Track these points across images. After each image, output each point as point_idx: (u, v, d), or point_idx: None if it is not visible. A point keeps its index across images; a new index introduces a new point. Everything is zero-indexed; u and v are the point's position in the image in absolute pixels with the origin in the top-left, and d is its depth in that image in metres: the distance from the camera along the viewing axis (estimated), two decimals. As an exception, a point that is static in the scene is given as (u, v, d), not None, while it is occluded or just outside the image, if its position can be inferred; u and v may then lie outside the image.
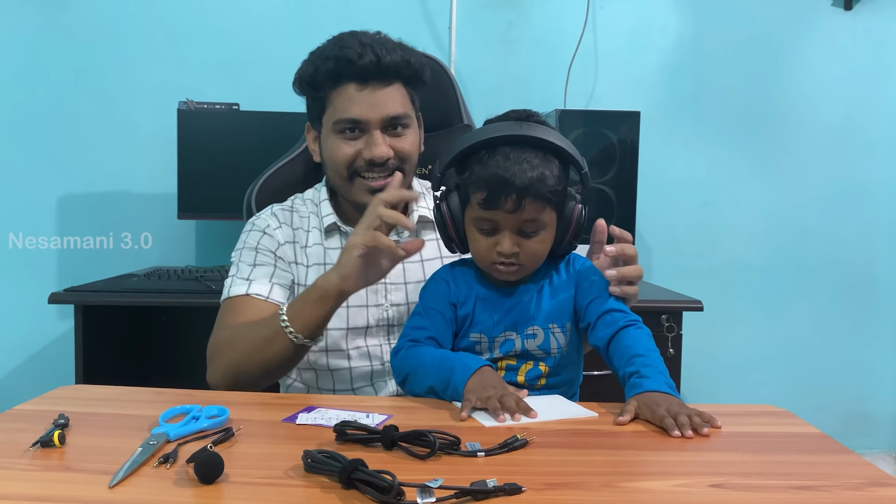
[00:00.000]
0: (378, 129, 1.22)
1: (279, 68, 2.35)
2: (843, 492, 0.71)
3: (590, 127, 1.89)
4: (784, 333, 2.53)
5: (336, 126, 1.23)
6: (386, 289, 1.29)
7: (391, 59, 1.20)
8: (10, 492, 0.69)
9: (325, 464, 0.72)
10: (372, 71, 1.19)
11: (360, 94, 1.20)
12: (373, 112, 1.21)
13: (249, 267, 1.26)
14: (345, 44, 1.21)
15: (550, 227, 1.05)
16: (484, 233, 1.04)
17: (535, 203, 1.00)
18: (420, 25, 2.40)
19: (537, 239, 1.04)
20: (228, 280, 1.27)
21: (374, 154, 1.21)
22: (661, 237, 2.48)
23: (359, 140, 1.23)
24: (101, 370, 1.87)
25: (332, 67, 1.20)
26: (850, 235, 2.52)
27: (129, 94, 2.38)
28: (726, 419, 0.91)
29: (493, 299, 1.09)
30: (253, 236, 1.30)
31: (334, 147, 1.24)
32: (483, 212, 1.03)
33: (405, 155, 1.24)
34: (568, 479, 0.73)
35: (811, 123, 2.49)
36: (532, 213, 1.01)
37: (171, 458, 0.76)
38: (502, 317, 1.08)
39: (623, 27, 2.46)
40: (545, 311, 1.08)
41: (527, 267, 1.06)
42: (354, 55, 1.18)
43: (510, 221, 1.02)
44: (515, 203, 1.00)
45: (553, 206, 1.03)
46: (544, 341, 1.07)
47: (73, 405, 0.94)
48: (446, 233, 1.09)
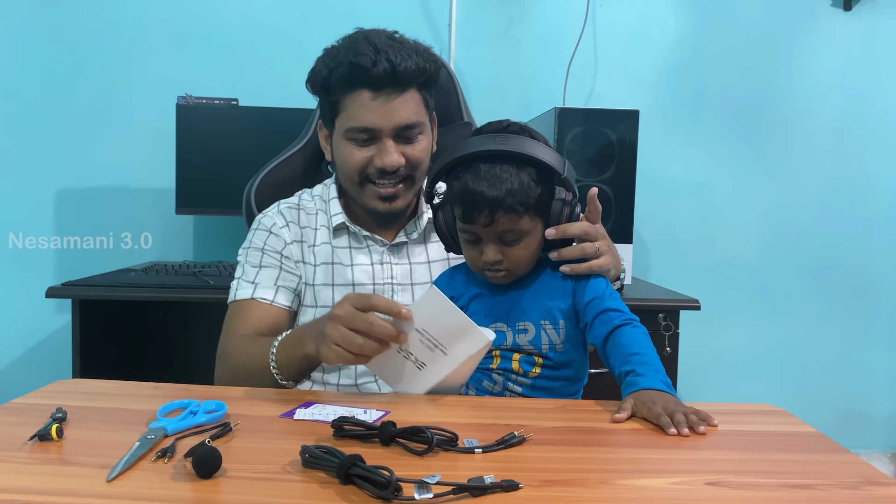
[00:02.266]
0: (390, 137, 1.21)
1: (279, 64, 2.38)
2: (839, 490, 0.71)
3: (589, 125, 1.88)
4: (781, 333, 2.54)
5: (348, 133, 1.23)
6: (393, 290, 1.30)
7: (406, 66, 1.18)
8: (8, 485, 0.69)
9: (323, 459, 0.72)
10: (386, 79, 1.18)
11: (374, 102, 1.19)
12: (385, 120, 1.20)
13: (255, 269, 1.28)
14: (359, 49, 1.18)
15: (534, 233, 1.07)
16: (470, 243, 1.09)
17: (509, 215, 1.03)
18: (420, 22, 2.40)
19: (520, 246, 1.06)
20: (234, 282, 1.29)
21: (385, 163, 1.21)
22: (660, 236, 2.48)
23: (371, 147, 1.22)
24: (98, 365, 1.86)
25: (346, 73, 1.19)
26: (848, 235, 2.53)
27: (128, 88, 2.37)
28: (723, 418, 0.91)
29: (488, 294, 1.12)
30: (259, 236, 1.30)
31: (346, 153, 1.24)
32: (464, 225, 1.07)
33: (416, 162, 1.24)
34: (565, 475, 0.73)
35: (810, 123, 2.49)
36: (507, 224, 1.04)
37: (168, 452, 0.76)
38: (494, 308, 1.10)
39: (623, 26, 2.46)
40: (538, 308, 1.09)
41: (515, 272, 1.09)
42: (369, 63, 1.17)
43: (488, 233, 1.05)
44: (488, 217, 1.03)
45: (532, 213, 1.05)
46: (535, 337, 1.08)
47: (70, 399, 0.94)
48: (444, 239, 1.14)
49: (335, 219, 1.31)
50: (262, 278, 1.27)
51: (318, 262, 1.30)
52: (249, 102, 2.23)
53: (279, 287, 1.27)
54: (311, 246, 1.31)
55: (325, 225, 1.33)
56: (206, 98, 2.21)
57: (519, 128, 1.08)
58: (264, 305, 1.25)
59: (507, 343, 1.09)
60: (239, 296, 1.26)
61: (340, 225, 1.31)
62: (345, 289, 1.28)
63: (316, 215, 1.33)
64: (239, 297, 1.26)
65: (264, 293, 1.26)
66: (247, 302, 1.25)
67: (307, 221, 1.33)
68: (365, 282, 1.30)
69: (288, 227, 1.31)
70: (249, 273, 1.28)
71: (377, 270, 1.30)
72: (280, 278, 1.28)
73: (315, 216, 1.33)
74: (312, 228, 1.32)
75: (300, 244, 1.31)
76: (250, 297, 1.25)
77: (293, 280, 1.29)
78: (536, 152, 1.04)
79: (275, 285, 1.27)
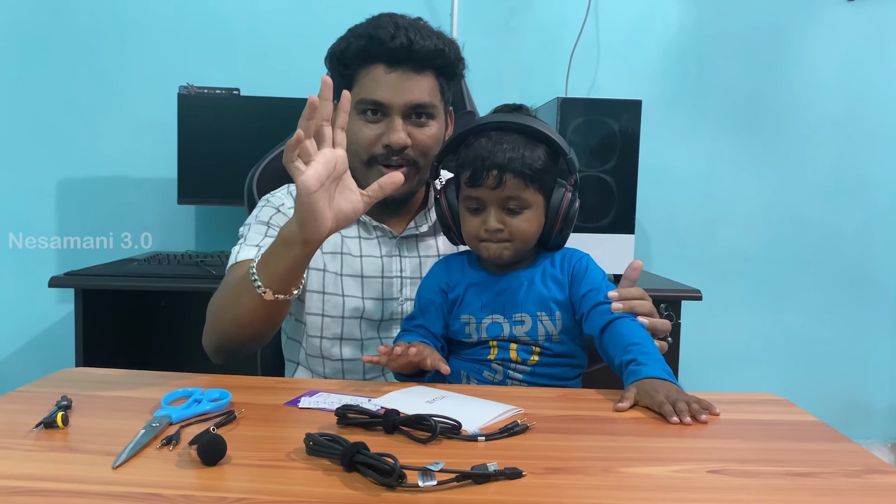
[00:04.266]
0: (399, 115, 1.19)
1: (280, 53, 2.38)
2: (840, 479, 0.72)
3: (591, 115, 1.88)
4: (782, 323, 2.54)
5: (359, 106, 1.20)
6: (402, 283, 1.29)
7: (424, 45, 1.17)
8: (14, 472, 0.69)
9: (327, 447, 0.72)
10: (402, 55, 1.17)
11: (388, 77, 1.18)
12: (396, 96, 1.18)
13: (259, 236, 1.23)
14: (380, 23, 1.18)
15: (537, 208, 1.09)
16: (472, 212, 1.10)
17: (516, 180, 1.06)
18: (422, 11, 2.36)
19: (522, 217, 1.08)
20: (236, 247, 1.23)
21: (391, 140, 1.18)
22: (661, 226, 2.49)
23: (380, 124, 1.20)
24: (100, 354, 1.87)
25: (364, 45, 1.18)
26: (850, 226, 2.53)
27: (129, 78, 2.37)
28: (725, 407, 0.91)
29: (484, 284, 1.13)
30: (266, 212, 1.27)
31: (356, 129, 1.21)
32: (469, 190, 1.09)
33: (423, 147, 1.21)
34: (568, 463, 0.74)
35: (812, 114, 2.49)
36: (513, 189, 1.06)
37: (173, 440, 0.76)
38: (491, 300, 1.11)
39: (625, 16, 2.45)
40: (535, 299, 1.10)
41: (515, 244, 1.09)
42: (387, 36, 1.16)
43: (493, 198, 1.07)
44: (497, 179, 1.05)
45: (537, 186, 1.08)
46: (532, 328, 1.09)
47: (75, 387, 0.95)
48: (445, 222, 1.15)
49: None
50: (266, 243, 1.18)
51: (325, 250, 1.27)
52: (251, 92, 2.23)
53: None
54: None
55: None
56: (207, 88, 2.20)
57: (528, 111, 1.13)
58: None
59: (504, 334, 1.10)
60: (241, 257, 1.20)
61: None
62: (353, 279, 1.27)
63: None
64: (240, 257, 1.20)
65: None
66: (248, 262, 1.13)
67: None
68: (374, 274, 1.28)
69: None
70: (253, 238, 1.22)
71: (386, 263, 1.29)
72: None
73: None
74: None
75: None
76: (253, 258, 1.10)
77: None
78: (546, 131, 1.09)
79: None
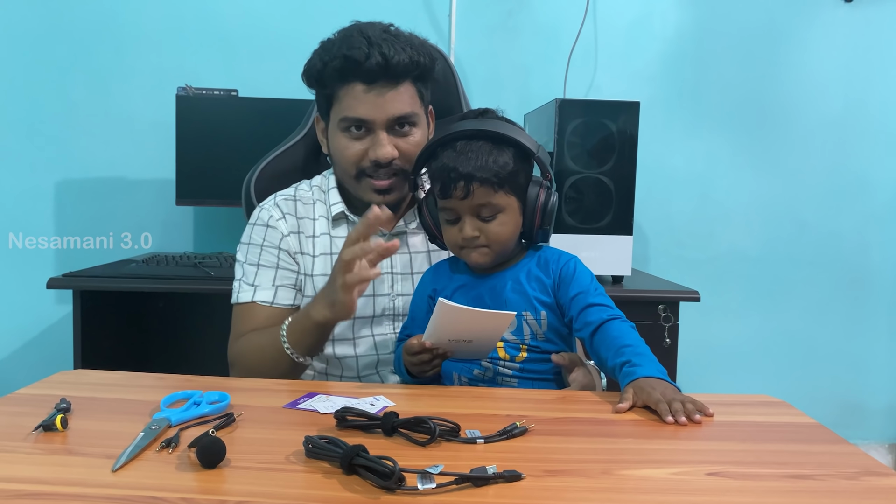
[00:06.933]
0: (383, 129, 1.21)
1: (278, 55, 2.37)
2: (838, 481, 0.72)
3: (589, 117, 1.88)
4: (780, 324, 2.54)
5: (342, 123, 1.23)
6: (393, 279, 1.30)
7: (399, 59, 1.18)
8: (14, 475, 0.69)
9: (327, 449, 0.72)
10: (379, 72, 1.18)
11: (367, 95, 1.20)
12: (378, 112, 1.20)
13: (254, 269, 1.30)
14: (353, 43, 1.19)
15: (511, 211, 1.09)
16: (449, 222, 1.11)
17: (484, 187, 1.06)
18: (420, 13, 2.40)
19: (497, 222, 1.09)
20: (236, 283, 1.31)
21: (378, 155, 1.21)
22: (659, 227, 2.49)
23: (365, 139, 1.23)
24: (99, 356, 1.87)
25: (339, 67, 1.19)
26: (847, 227, 2.53)
27: (127, 79, 2.36)
28: (723, 409, 0.92)
29: (470, 285, 1.14)
30: (257, 232, 1.31)
31: (341, 146, 1.24)
32: (443, 201, 1.10)
33: (410, 156, 1.23)
34: (567, 466, 0.74)
35: (810, 115, 2.49)
36: (483, 196, 1.06)
37: (173, 442, 0.76)
38: (475, 299, 1.11)
39: (623, 17, 2.45)
40: (519, 299, 1.10)
41: (493, 249, 1.10)
42: (361, 56, 1.17)
43: (465, 207, 1.08)
44: (464, 189, 1.06)
45: (507, 189, 1.08)
46: (517, 328, 1.10)
47: (74, 390, 0.95)
48: (430, 231, 1.18)
49: (334, 208, 1.31)
50: (261, 280, 1.29)
51: (316, 253, 1.30)
52: (249, 93, 2.23)
53: (278, 287, 1.28)
54: (309, 237, 1.31)
55: (323, 215, 1.33)
56: (205, 89, 2.20)
57: (495, 114, 1.13)
58: (265, 308, 1.28)
59: None
60: (241, 299, 1.29)
61: (339, 214, 1.31)
62: None
63: (314, 205, 1.33)
64: (241, 300, 1.29)
65: (264, 295, 1.28)
66: (248, 305, 1.28)
67: (305, 212, 1.33)
68: None
69: (284, 218, 1.31)
70: (249, 274, 1.30)
71: None
72: (278, 277, 1.29)
73: (313, 206, 1.33)
74: (311, 219, 1.32)
75: (297, 235, 1.31)
76: (251, 301, 1.28)
77: (291, 276, 1.29)
78: (511, 133, 1.09)
79: (273, 286, 1.28)
